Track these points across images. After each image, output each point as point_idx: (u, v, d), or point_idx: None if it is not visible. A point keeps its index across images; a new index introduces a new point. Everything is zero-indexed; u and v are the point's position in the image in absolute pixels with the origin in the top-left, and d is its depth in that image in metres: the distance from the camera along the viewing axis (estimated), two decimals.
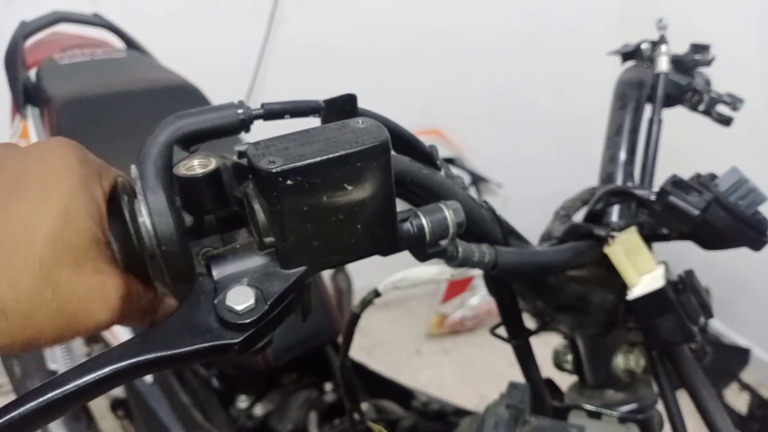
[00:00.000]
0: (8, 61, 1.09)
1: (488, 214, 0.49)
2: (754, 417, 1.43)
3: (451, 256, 0.42)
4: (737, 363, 1.58)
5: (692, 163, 0.63)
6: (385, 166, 0.31)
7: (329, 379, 1.08)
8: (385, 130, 0.31)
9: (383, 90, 1.50)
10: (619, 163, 0.66)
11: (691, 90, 0.68)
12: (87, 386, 0.27)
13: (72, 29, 1.22)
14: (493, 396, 0.58)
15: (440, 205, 0.36)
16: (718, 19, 1.69)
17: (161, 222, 0.30)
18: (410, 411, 1.00)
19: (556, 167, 1.99)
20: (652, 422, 0.62)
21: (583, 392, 0.64)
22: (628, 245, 0.54)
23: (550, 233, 0.60)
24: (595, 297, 0.59)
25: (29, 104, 1.06)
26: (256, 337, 0.30)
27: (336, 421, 1.04)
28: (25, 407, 0.26)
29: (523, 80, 2.02)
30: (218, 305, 0.30)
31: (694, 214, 0.49)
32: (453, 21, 1.91)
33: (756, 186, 0.51)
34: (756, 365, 1.69)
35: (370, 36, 1.85)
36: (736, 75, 0.93)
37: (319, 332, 1.06)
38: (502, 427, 0.53)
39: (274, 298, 0.30)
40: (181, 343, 0.29)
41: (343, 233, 0.31)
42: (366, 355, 1.89)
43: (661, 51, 0.68)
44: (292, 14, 1.76)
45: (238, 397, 1.07)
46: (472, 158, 2.06)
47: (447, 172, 0.45)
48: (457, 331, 2.07)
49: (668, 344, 0.55)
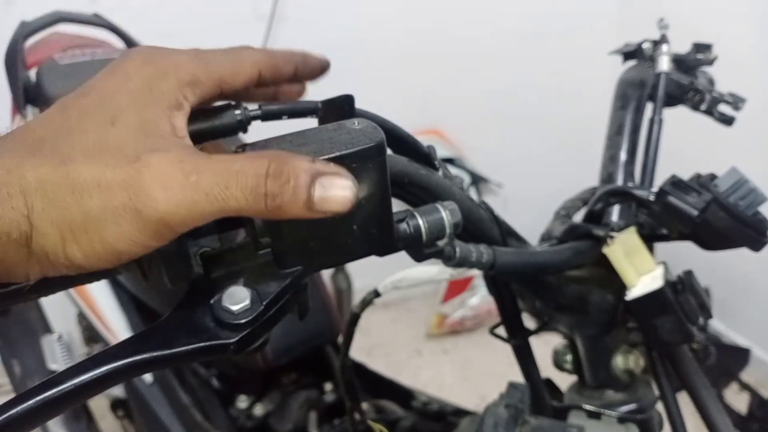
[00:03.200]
0: (8, 61, 1.09)
1: (486, 214, 0.49)
2: (754, 417, 1.43)
3: (448, 256, 0.42)
4: (737, 363, 1.58)
5: (693, 163, 0.63)
6: (381, 167, 0.31)
7: (329, 379, 1.08)
8: (381, 131, 0.31)
9: (383, 90, 1.50)
10: (619, 163, 0.66)
11: (692, 89, 0.68)
12: (85, 385, 0.28)
13: (72, 29, 1.22)
14: (493, 396, 0.58)
15: (437, 205, 0.36)
16: (718, 18, 1.68)
17: None
18: (410, 411, 1.00)
19: (556, 167, 1.99)
20: (652, 422, 0.62)
21: (582, 392, 0.64)
22: (628, 245, 0.54)
23: (550, 233, 0.60)
24: (595, 297, 0.59)
25: (29, 104, 1.06)
26: (252, 336, 0.30)
27: (336, 421, 1.04)
28: (23, 405, 0.27)
29: (523, 80, 2.02)
30: (214, 305, 0.30)
31: (693, 214, 0.49)
32: (452, 21, 1.91)
33: (756, 186, 0.51)
34: (756, 365, 1.69)
35: (370, 36, 1.85)
36: (736, 74, 0.92)
37: (319, 332, 1.06)
38: (501, 427, 0.53)
39: (269, 299, 0.30)
40: (177, 342, 0.29)
41: (339, 234, 0.32)
42: (366, 355, 1.89)
43: (662, 50, 0.68)
44: (292, 14, 1.76)
45: (238, 397, 1.08)
46: (472, 158, 2.06)
47: (445, 172, 0.45)
48: (457, 331, 2.07)
49: (667, 344, 0.55)
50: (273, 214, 0.27)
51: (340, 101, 0.34)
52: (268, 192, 0.27)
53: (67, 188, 0.26)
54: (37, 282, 0.30)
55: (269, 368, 1.03)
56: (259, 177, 0.27)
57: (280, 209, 0.27)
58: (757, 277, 1.78)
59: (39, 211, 0.26)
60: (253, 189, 0.27)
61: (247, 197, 0.27)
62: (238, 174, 0.27)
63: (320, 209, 0.28)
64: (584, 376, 0.64)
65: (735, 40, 1.48)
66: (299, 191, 0.27)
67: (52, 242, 0.26)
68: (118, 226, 0.26)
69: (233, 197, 0.27)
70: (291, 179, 0.27)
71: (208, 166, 0.27)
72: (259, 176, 0.27)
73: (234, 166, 0.27)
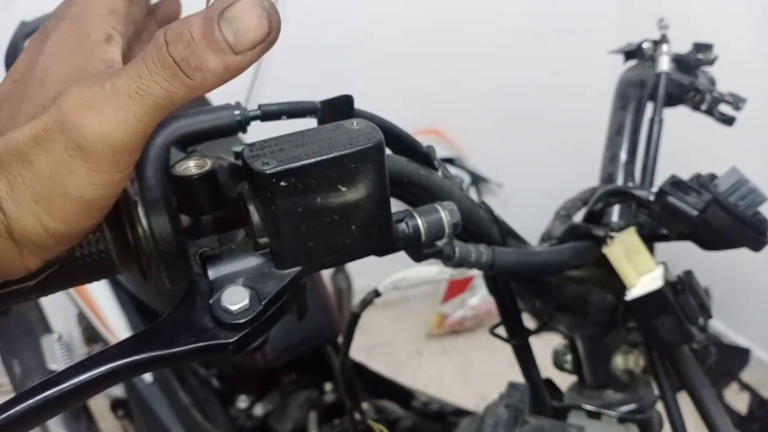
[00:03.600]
0: (8, 61, 1.09)
1: (486, 214, 0.49)
2: (754, 417, 1.43)
3: (447, 256, 0.42)
4: (737, 363, 1.58)
5: (693, 163, 0.63)
6: (380, 167, 0.31)
7: (329, 379, 1.08)
8: (380, 132, 0.31)
9: (383, 90, 1.50)
10: (619, 163, 0.66)
11: (693, 89, 0.68)
12: (84, 384, 0.28)
13: None
14: (493, 396, 0.58)
15: (436, 205, 0.36)
16: (718, 18, 1.68)
17: (158, 223, 0.30)
18: (410, 411, 1.00)
19: (556, 167, 1.99)
20: (652, 422, 0.62)
21: (582, 392, 0.64)
22: (627, 245, 0.54)
23: (550, 233, 0.60)
24: (595, 297, 0.59)
25: None
26: (251, 336, 0.30)
27: (336, 421, 1.04)
28: (23, 405, 0.27)
29: (524, 80, 2.02)
30: (213, 305, 0.30)
31: (693, 214, 0.49)
32: (452, 21, 1.91)
33: (756, 186, 0.51)
34: (756, 365, 1.68)
35: (370, 36, 1.85)
36: (736, 74, 0.92)
37: (319, 332, 1.06)
38: (501, 427, 0.53)
39: (268, 299, 0.30)
40: (176, 342, 0.29)
41: (338, 234, 0.32)
42: (366, 355, 1.89)
43: (663, 50, 0.68)
44: (292, 14, 1.76)
45: (238, 397, 1.08)
46: (472, 158, 2.06)
47: (444, 172, 0.45)
48: (457, 331, 2.07)
49: (667, 344, 0.55)
50: (204, 81, 0.26)
51: (339, 101, 0.34)
52: (176, 58, 0.25)
53: (14, 159, 0.26)
54: (37, 282, 0.30)
55: (269, 368, 1.03)
56: (161, 49, 0.25)
57: (203, 70, 0.25)
58: (757, 277, 1.78)
59: (4, 197, 0.26)
60: (162, 63, 0.25)
61: (162, 75, 0.25)
62: (144, 59, 0.26)
63: (243, 46, 0.26)
64: (584, 376, 0.64)
65: (735, 40, 1.48)
66: (207, 39, 0.25)
67: (31, 224, 0.26)
68: (74, 174, 0.26)
69: (152, 83, 0.25)
70: (191, 33, 0.25)
71: (120, 71, 0.26)
72: (159, 48, 0.25)
73: (139, 57, 0.26)
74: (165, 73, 0.25)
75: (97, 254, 0.31)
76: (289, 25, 1.35)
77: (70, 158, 0.25)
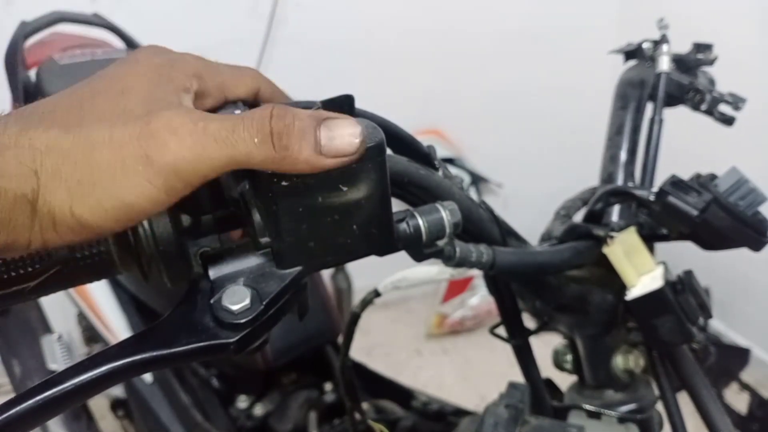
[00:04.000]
0: (8, 61, 1.09)
1: (486, 214, 0.49)
2: (754, 417, 1.43)
3: (448, 256, 0.42)
4: (737, 363, 1.58)
5: (693, 163, 0.63)
6: (381, 167, 0.31)
7: (329, 379, 1.08)
8: (381, 132, 0.31)
9: (383, 90, 1.50)
10: (619, 163, 0.66)
11: (693, 89, 0.68)
12: (84, 385, 0.28)
13: (72, 29, 1.22)
14: (493, 396, 0.58)
15: (437, 205, 0.36)
16: (718, 18, 1.68)
17: (159, 222, 0.30)
18: (410, 411, 1.00)
19: (556, 167, 1.99)
20: (652, 422, 0.62)
21: (582, 392, 0.64)
22: (628, 245, 0.54)
23: (551, 233, 0.60)
24: (595, 297, 0.59)
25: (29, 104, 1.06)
26: (252, 336, 0.30)
27: (336, 421, 1.04)
28: (23, 405, 0.27)
29: (524, 80, 2.02)
30: (214, 305, 0.30)
31: (693, 214, 0.49)
32: (452, 21, 1.91)
33: (756, 186, 0.51)
34: (756, 365, 1.69)
35: (370, 36, 1.85)
36: (736, 74, 0.92)
37: (319, 332, 1.06)
38: (501, 427, 0.53)
39: (269, 298, 0.31)
40: (177, 342, 0.29)
41: (339, 234, 0.32)
42: (366, 355, 1.89)
43: (663, 50, 0.68)
44: (292, 14, 1.76)
45: (238, 397, 1.08)
46: (472, 158, 2.06)
47: (445, 172, 0.45)
48: (457, 331, 2.07)
49: (667, 344, 0.55)
50: (284, 160, 0.28)
51: (339, 101, 0.34)
52: (274, 130, 0.28)
53: (77, 146, 0.27)
54: (37, 282, 0.30)
55: (269, 368, 1.03)
56: (264, 118, 0.28)
57: (289, 152, 0.28)
58: (757, 277, 1.78)
59: (47, 168, 0.26)
60: (259, 128, 0.28)
61: (254, 137, 0.27)
62: (244, 118, 0.28)
63: (329, 152, 0.28)
64: (584, 376, 0.64)
65: (735, 40, 1.48)
66: (306, 132, 0.28)
67: (60, 199, 0.26)
68: (128, 178, 0.27)
69: (241, 139, 0.27)
70: (295, 120, 0.28)
71: (215, 116, 0.28)
72: (263, 117, 0.28)
73: (241, 115, 0.28)
74: (257, 136, 0.28)
75: (98, 254, 0.31)
76: (289, 25, 1.36)
77: (133, 163, 0.27)
